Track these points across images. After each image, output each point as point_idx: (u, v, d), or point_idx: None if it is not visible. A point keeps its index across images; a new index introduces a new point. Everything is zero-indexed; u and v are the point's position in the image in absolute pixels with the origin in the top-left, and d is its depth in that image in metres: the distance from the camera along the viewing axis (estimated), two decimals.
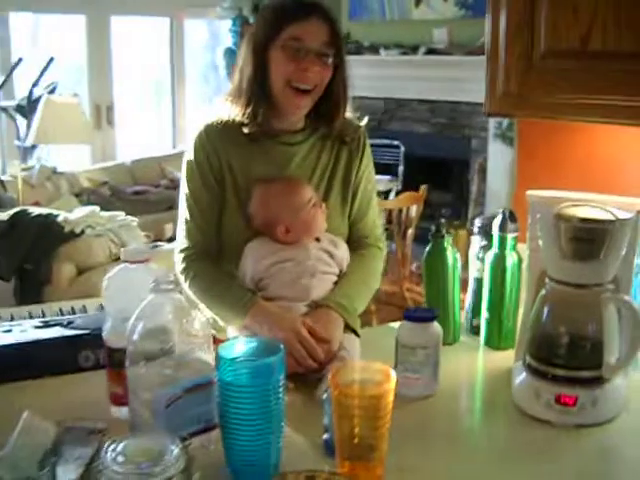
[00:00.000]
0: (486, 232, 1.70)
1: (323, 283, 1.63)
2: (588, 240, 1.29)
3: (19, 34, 6.34)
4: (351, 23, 7.04)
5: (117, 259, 3.67)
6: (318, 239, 1.69)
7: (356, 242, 1.78)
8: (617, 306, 1.32)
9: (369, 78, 6.63)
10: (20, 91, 5.90)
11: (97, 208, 3.73)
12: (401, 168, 6.59)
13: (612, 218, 1.27)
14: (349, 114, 1.80)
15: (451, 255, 1.69)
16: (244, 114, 1.67)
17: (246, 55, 1.66)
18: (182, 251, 1.73)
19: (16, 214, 3.59)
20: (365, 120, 1.85)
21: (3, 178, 5.04)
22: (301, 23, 1.60)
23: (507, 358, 1.58)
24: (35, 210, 3.66)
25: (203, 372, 1.22)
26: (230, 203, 1.70)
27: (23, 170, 5.46)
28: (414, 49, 6.28)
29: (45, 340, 1.61)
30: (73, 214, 3.62)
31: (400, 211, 4.41)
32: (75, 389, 1.50)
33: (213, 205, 1.71)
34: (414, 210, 4.34)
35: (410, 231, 4.45)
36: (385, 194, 6.41)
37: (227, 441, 1.17)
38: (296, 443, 1.27)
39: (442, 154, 6.45)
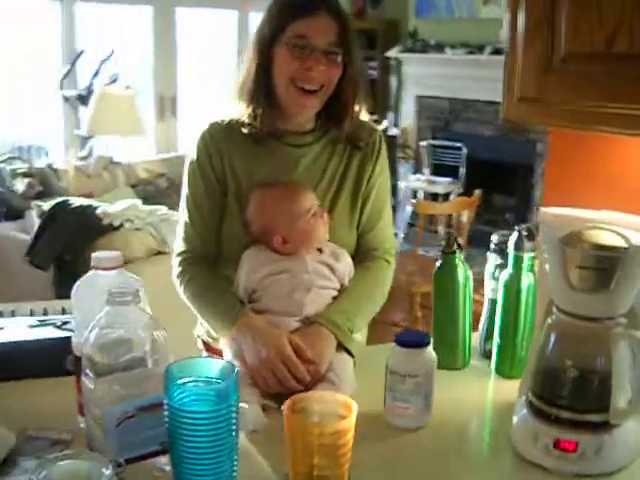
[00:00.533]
0: (502, 250, 1.55)
1: (320, 298, 1.52)
2: (597, 269, 1.14)
3: (84, 24, 6.40)
4: (418, 21, 6.89)
5: (157, 253, 3.63)
6: (320, 250, 1.58)
7: (363, 254, 1.66)
8: (630, 343, 1.17)
9: (434, 77, 6.48)
10: (83, 81, 5.96)
11: (139, 201, 3.70)
12: (462, 171, 6.39)
13: (624, 244, 1.12)
14: (365, 117, 1.68)
15: (462, 272, 1.55)
16: (248, 113, 1.57)
17: (251, 51, 1.56)
18: (179, 255, 1.66)
19: (57, 204, 3.58)
20: (384, 124, 1.73)
21: (57, 167, 5.08)
22: (307, 19, 1.49)
23: (517, 389, 1.43)
24: (76, 201, 3.65)
25: (161, 390, 1.12)
26: (231, 207, 1.61)
27: (80, 160, 5.51)
28: (480, 48, 6.07)
29: (29, 341, 1.56)
30: (113, 207, 3.59)
31: (450, 216, 4.24)
32: (53, 394, 1.43)
33: (213, 209, 1.62)
34: (466, 216, 4.16)
35: (461, 237, 4.28)
36: (445, 197, 6.24)
37: (175, 467, 1.08)
38: (260, 472, 1.17)
39: (506, 157, 6.24)
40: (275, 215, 1.53)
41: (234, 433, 1.06)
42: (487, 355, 1.60)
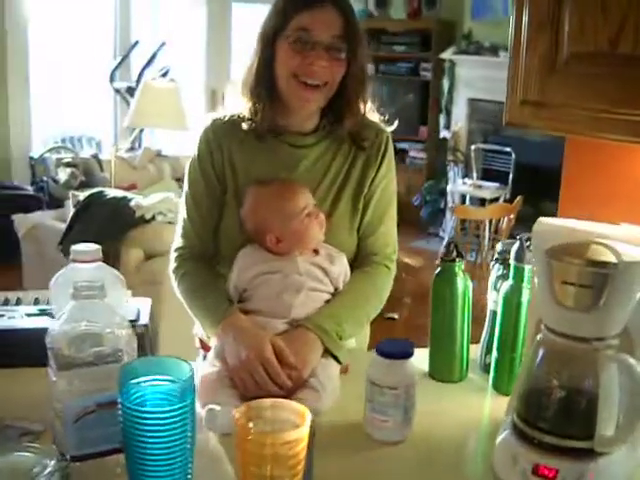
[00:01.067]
0: (505, 260, 1.48)
1: (310, 301, 1.47)
2: (584, 285, 1.06)
3: (138, 18, 6.48)
4: (473, 22, 6.77)
5: None
6: (316, 252, 1.53)
7: (363, 258, 1.61)
8: (620, 367, 1.09)
9: (487, 80, 6.36)
10: (135, 74, 6.04)
11: (172, 195, 3.70)
12: (511, 176, 6.25)
13: (614, 260, 1.04)
14: (375, 117, 1.62)
15: (462, 282, 1.49)
16: (249, 109, 1.54)
17: (255, 46, 1.52)
18: (176, 250, 1.64)
19: (92, 195, 3.61)
20: (393, 126, 1.66)
21: (103, 158, 5.15)
22: (311, 12, 1.44)
23: None
24: (111, 192, 3.67)
25: None
26: (229, 204, 1.58)
27: (127, 151, 5.57)
28: None
29: (21, 330, 1.55)
30: (147, 199, 3.60)
31: (490, 222, 4.14)
32: (37, 384, 1.42)
33: (212, 206, 1.59)
34: (505, 222, 4.05)
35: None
36: (492, 202, 6.12)
37: (128, 466, 1.05)
38: (224, 476, 1.13)
39: (557, 163, 6.05)
40: (269, 213, 1.49)
41: (189, 434, 1.02)
42: (487, 369, 1.53)
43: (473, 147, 6.81)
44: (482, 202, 6.33)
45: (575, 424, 1.12)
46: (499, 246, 1.52)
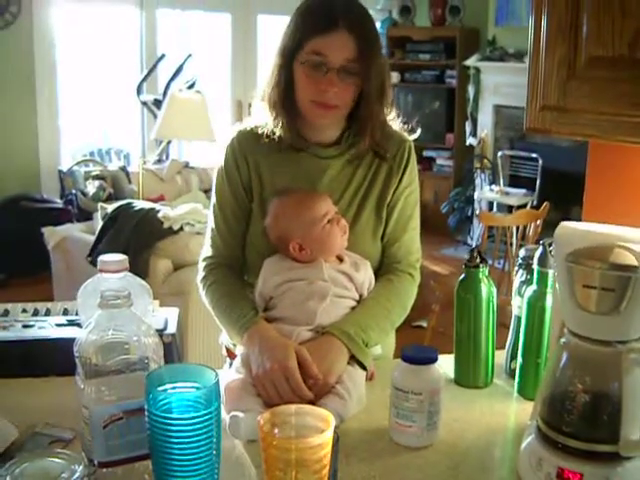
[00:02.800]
0: (528, 265, 1.48)
1: (335, 307, 1.48)
2: (605, 289, 1.06)
3: (164, 31, 6.56)
4: (497, 29, 6.76)
5: None
6: (341, 259, 1.54)
7: (387, 266, 1.62)
8: None
9: (512, 86, 6.33)
10: (162, 86, 6.10)
11: (200, 205, 3.73)
12: (538, 182, 6.21)
13: (636, 264, 1.04)
14: (397, 126, 1.64)
15: (486, 288, 1.49)
16: (273, 122, 1.56)
17: (274, 60, 1.54)
18: (204, 260, 1.66)
19: (120, 207, 3.65)
20: (416, 134, 1.67)
21: (131, 170, 5.20)
22: (324, 36, 1.45)
23: None
24: (139, 204, 3.72)
25: None
26: (255, 215, 1.60)
27: (155, 163, 5.63)
28: None
29: (49, 339, 1.59)
30: (174, 210, 3.64)
31: (517, 228, 4.12)
32: (68, 393, 1.45)
33: (239, 215, 1.61)
34: (532, 228, 4.03)
35: None
36: (520, 209, 6.08)
37: (155, 472, 1.06)
38: None
39: (584, 169, 6.00)
40: (290, 222, 1.50)
41: (215, 440, 1.04)
42: (512, 374, 1.53)
43: (500, 154, 6.79)
44: (509, 209, 6.29)
45: (599, 428, 1.12)
46: (522, 251, 1.52)
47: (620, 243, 1.09)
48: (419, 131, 1.69)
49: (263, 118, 1.59)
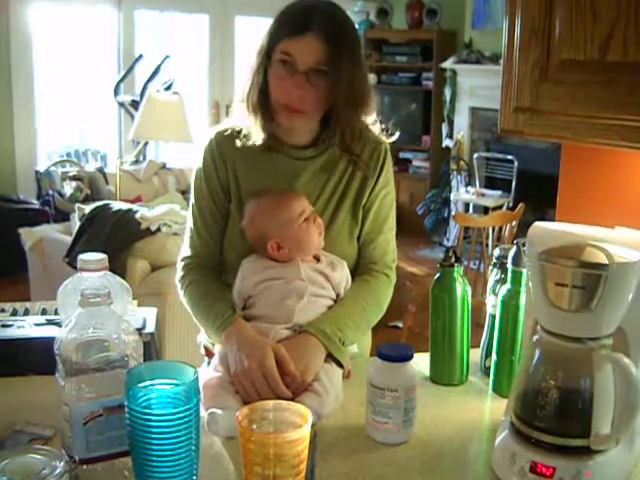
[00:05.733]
0: (503, 264, 1.51)
1: (313, 307, 1.50)
2: (576, 287, 1.09)
3: (142, 32, 6.54)
4: (474, 32, 6.82)
5: None
6: (318, 259, 1.56)
7: (363, 267, 1.64)
8: (614, 367, 1.11)
9: (488, 88, 6.39)
10: (140, 87, 6.08)
11: (177, 206, 3.73)
12: (514, 184, 6.28)
13: (607, 262, 1.07)
14: (375, 128, 1.65)
15: (461, 286, 1.51)
16: (249, 123, 1.57)
17: (252, 62, 1.55)
18: (183, 259, 1.67)
19: (97, 207, 3.64)
20: (395, 137, 1.68)
21: (108, 171, 5.18)
22: (295, 38, 1.46)
23: None
24: (116, 205, 3.71)
25: None
26: (233, 215, 1.61)
27: (132, 164, 5.61)
28: None
29: (29, 339, 1.58)
30: (151, 211, 3.64)
31: (493, 230, 4.16)
32: (49, 391, 1.45)
33: (217, 215, 1.62)
34: (508, 229, 4.08)
35: None
36: (495, 210, 6.14)
37: (135, 468, 1.07)
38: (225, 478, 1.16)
39: (559, 171, 6.08)
40: (267, 222, 1.52)
41: (194, 436, 1.05)
42: (487, 372, 1.56)
43: (476, 155, 6.85)
44: (485, 210, 6.35)
45: (571, 423, 1.15)
46: (497, 251, 1.55)
47: (591, 242, 1.11)
48: (397, 134, 1.70)
49: (241, 119, 1.60)
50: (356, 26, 1.64)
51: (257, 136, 1.56)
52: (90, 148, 6.64)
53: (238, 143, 1.58)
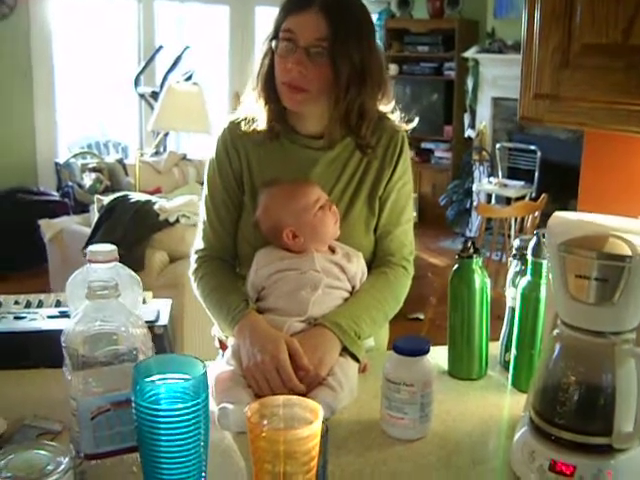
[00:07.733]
0: (522, 255, 1.47)
1: (328, 299, 1.47)
2: (597, 279, 1.05)
3: (162, 23, 6.53)
4: (496, 21, 6.73)
5: None
6: (333, 250, 1.53)
7: (380, 260, 1.60)
8: (637, 362, 1.07)
9: (511, 78, 6.29)
10: (160, 78, 6.07)
11: (196, 197, 3.71)
12: (537, 174, 6.20)
13: (629, 253, 1.02)
14: (392, 115, 1.61)
15: (480, 279, 1.48)
16: (261, 111, 1.54)
17: (262, 47, 1.53)
18: (196, 252, 1.65)
19: (116, 199, 3.64)
20: (413, 124, 1.63)
21: (128, 163, 5.18)
22: (297, 15, 1.43)
23: None
24: (136, 196, 3.70)
25: None
26: (247, 206, 1.58)
27: (152, 156, 5.61)
28: None
29: (41, 331, 1.57)
30: (170, 202, 3.63)
31: (515, 220, 4.11)
32: (59, 385, 1.44)
33: (231, 207, 1.60)
34: (530, 220, 4.02)
35: None
36: (518, 201, 6.07)
37: (143, 464, 1.05)
38: (236, 473, 1.13)
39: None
40: (282, 211, 1.49)
41: (203, 431, 1.02)
42: (506, 366, 1.52)
43: (498, 146, 6.77)
44: (508, 201, 6.28)
45: (593, 420, 1.11)
46: (516, 242, 1.51)
47: (614, 232, 1.07)
48: (416, 120, 1.65)
49: (253, 107, 1.57)
50: (374, 16, 1.59)
51: (265, 122, 1.53)
52: (111, 140, 6.65)
53: (251, 132, 1.55)
